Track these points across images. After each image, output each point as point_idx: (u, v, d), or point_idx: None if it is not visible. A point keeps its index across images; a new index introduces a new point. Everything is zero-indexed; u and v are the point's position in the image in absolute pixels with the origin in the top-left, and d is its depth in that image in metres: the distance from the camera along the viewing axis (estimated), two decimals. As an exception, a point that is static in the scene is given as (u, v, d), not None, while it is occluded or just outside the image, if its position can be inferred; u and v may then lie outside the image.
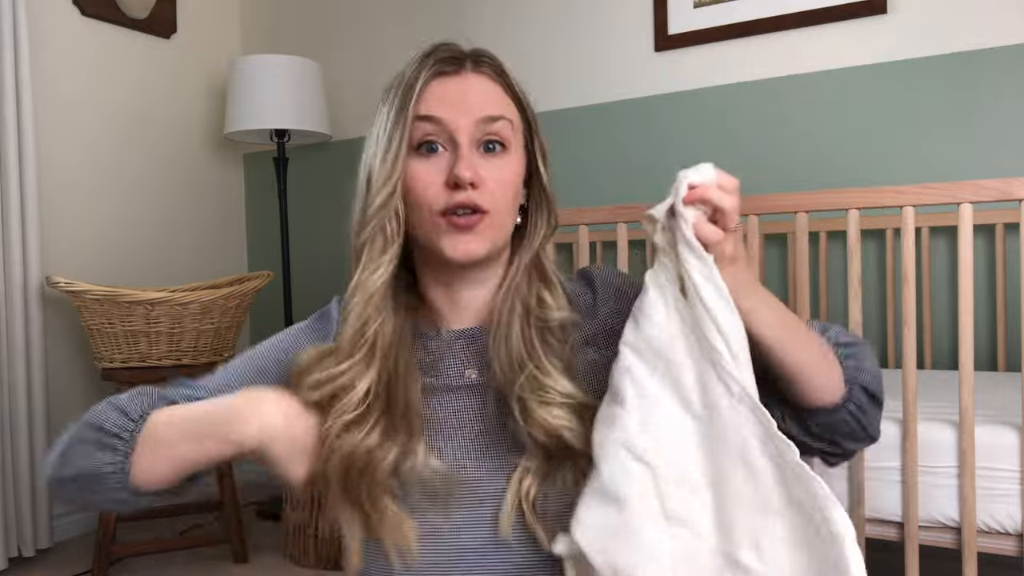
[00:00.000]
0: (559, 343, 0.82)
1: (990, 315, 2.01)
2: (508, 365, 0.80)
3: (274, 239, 3.00)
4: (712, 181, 0.69)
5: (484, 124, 0.79)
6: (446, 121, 0.78)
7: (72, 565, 2.28)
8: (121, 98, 2.72)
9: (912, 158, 2.08)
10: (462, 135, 0.78)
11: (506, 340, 0.81)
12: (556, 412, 0.77)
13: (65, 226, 2.52)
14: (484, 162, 0.79)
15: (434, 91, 0.80)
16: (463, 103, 0.79)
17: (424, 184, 0.78)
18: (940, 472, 1.37)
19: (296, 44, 3.02)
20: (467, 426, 0.82)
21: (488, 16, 2.69)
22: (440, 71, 0.81)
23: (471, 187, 0.77)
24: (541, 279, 0.85)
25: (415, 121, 0.78)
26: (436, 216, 0.78)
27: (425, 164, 0.79)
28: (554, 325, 0.83)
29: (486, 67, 0.83)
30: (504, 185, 0.80)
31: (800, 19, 2.20)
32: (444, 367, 0.84)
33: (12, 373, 2.24)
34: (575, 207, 1.70)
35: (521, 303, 0.83)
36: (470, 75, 0.82)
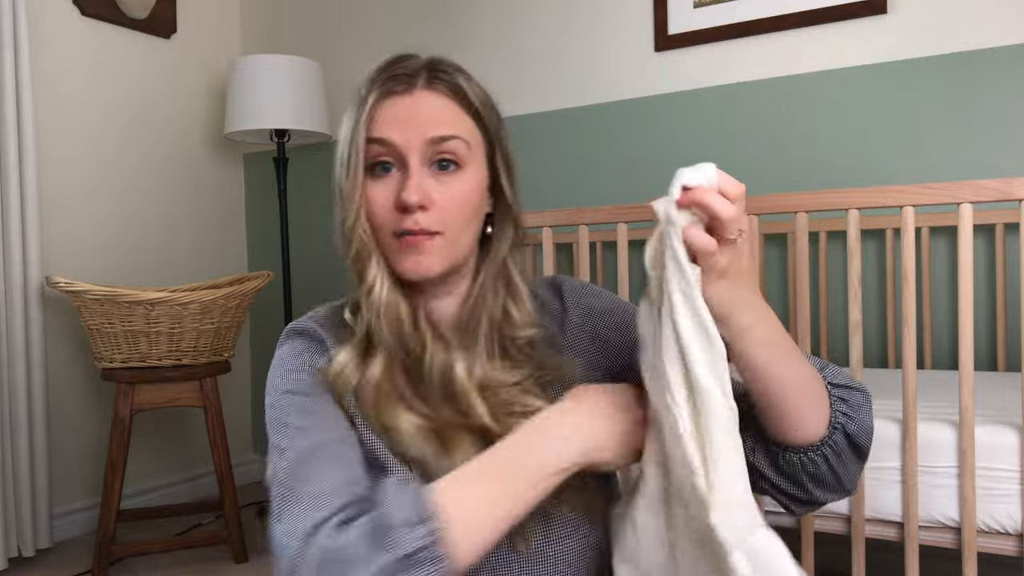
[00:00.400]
0: (525, 358, 0.83)
1: (990, 315, 2.01)
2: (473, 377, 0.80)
3: (274, 239, 3.00)
4: (713, 184, 0.63)
5: (434, 144, 0.78)
6: (395, 143, 0.78)
7: (72, 565, 2.28)
8: (121, 98, 2.72)
9: (912, 158, 2.08)
10: (412, 155, 0.78)
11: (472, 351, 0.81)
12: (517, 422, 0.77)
13: (65, 226, 2.52)
14: (435, 182, 0.78)
15: (384, 111, 0.79)
16: (412, 123, 0.78)
17: (378, 206, 0.79)
18: (940, 472, 1.37)
19: (296, 44, 3.02)
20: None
21: (488, 16, 2.69)
22: (390, 90, 0.79)
23: (420, 209, 0.77)
24: (507, 290, 0.85)
25: (367, 144, 0.78)
26: (391, 236, 0.79)
27: (379, 186, 0.79)
28: (520, 342, 0.83)
29: (440, 83, 0.81)
30: (457, 203, 0.79)
31: (800, 19, 2.20)
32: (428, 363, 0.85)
33: (12, 373, 2.24)
34: (575, 207, 1.70)
35: (487, 317, 0.83)
36: (421, 92, 0.79)
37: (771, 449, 0.77)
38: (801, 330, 1.45)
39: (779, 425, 0.74)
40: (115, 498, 2.14)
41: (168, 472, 2.84)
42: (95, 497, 2.52)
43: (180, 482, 2.88)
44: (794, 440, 0.75)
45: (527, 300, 0.85)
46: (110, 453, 2.17)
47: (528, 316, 0.84)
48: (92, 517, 2.51)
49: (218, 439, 2.27)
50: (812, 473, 0.76)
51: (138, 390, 2.18)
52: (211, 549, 2.35)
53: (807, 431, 0.74)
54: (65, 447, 2.50)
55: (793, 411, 0.73)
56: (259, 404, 3.19)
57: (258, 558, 2.30)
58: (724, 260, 0.65)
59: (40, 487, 2.30)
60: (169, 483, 2.84)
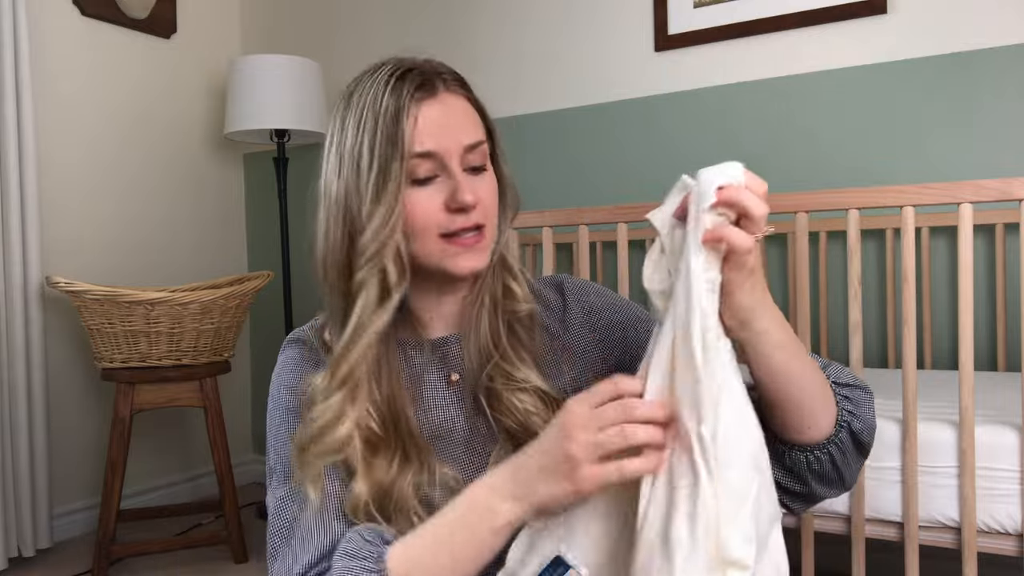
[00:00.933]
0: (526, 333, 0.85)
1: (990, 315, 2.01)
2: (478, 358, 0.83)
3: (274, 239, 3.00)
4: (741, 183, 0.64)
5: (470, 150, 0.80)
6: (440, 152, 0.79)
7: (72, 565, 2.28)
8: (121, 98, 2.72)
9: (912, 158, 2.08)
10: (453, 161, 0.79)
11: (476, 333, 0.84)
12: (522, 397, 0.81)
13: (65, 226, 2.52)
14: (473, 182, 0.80)
15: (424, 122, 0.78)
16: (449, 130, 0.79)
17: (424, 211, 0.78)
18: (940, 472, 1.37)
19: (296, 44, 3.02)
20: (457, 427, 0.84)
21: (488, 16, 2.69)
22: (420, 97, 0.79)
23: (472, 209, 0.79)
24: (505, 269, 0.87)
25: (414, 158, 0.77)
26: (437, 240, 0.79)
27: (423, 192, 0.78)
28: (522, 315, 0.85)
29: (455, 85, 0.83)
30: (491, 199, 0.83)
31: (800, 19, 2.20)
32: (429, 377, 0.86)
33: (12, 373, 2.24)
34: (575, 207, 1.70)
35: (489, 296, 0.85)
36: (446, 95, 0.81)
37: (777, 448, 0.77)
38: (801, 330, 1.45)
39: (789, 425, 0.75)
40: (115, 498, 2.14)
41: (168, 472, 2.84)
42: (95, 497, 2.52)
43: (180, 482, 2.88)
44: (802, 439, 0.76)
45: (522, 277, 0.88)
46: (110, 453, 2.17)
47: (526, 291, 0.87)
48: (92, 517, 2.51)
49: (218, 439, 2.27)
50: (817, 471, 0.77)
51: (138, 390, 2.18)
52: (211, 549, 2.35)
53: (816, 430, 0.75)
54: (65, 447, 2.50)
55: (805, 411, 0.74)
56: (259, 404, 3.20)
57: (258, 558, 2.30)
58: (753, 259, 0.65)
59: (40, 487, 2.30)
60: (169, 483, 2.84)
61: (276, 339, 3.02)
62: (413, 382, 0.85)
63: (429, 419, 0.84)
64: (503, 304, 0.85)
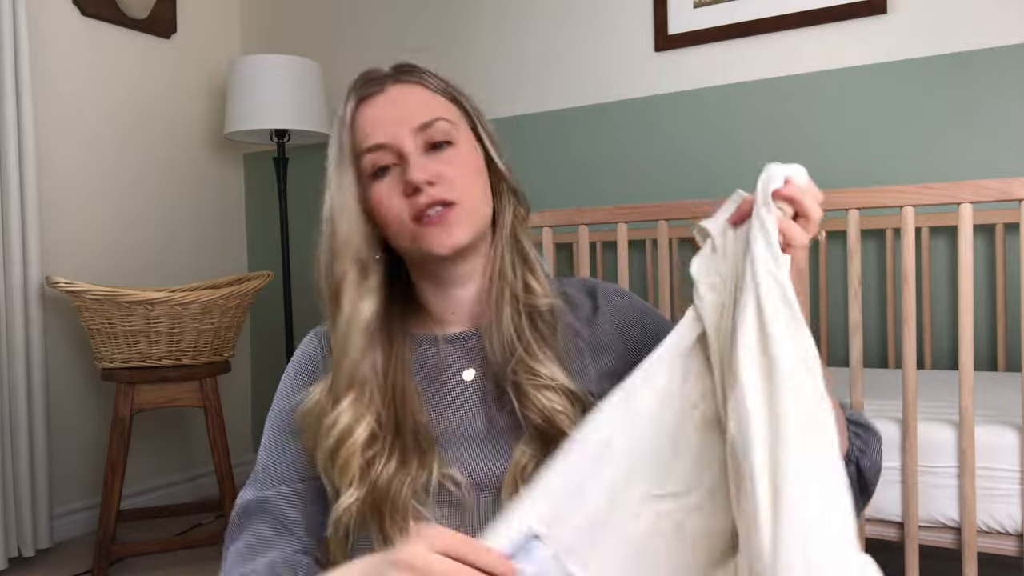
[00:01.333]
0: (548, 329, 0.84)
1: (990, 315, 2.01)
2: (501, 352, 0.82)
3: (274, 239, 3.00)
4: (806, 184, 0.67)
5: (422, 131, 0.80)
6: (387, 143, 0.80)
7: (72, 565, 2.28)
8: (121, 98, 2.72)
9: (912, 158, 2.08)
10: (405, 146, 0.79)
11: (498, 328, 0.83)
12: (549, 395, 0.79)
13: (65, 226, 2.52)
14: (434, 158, 0.80)
15: (366, 117, 0.81)
16: (395, 117, 0.80)
17: (384, 201, 0.80)
18: (940, 472, 1.37)
19: (296, 44, 3.02)
20: (475, 424, 0.83)
21: (488, 16, 2.69)
22: (364, 94, 0.82)
23: (429, 186, 0.78)
24: (525, 264, 0.86)
25: (362, 155, 0.80)
26: (409, 224, 0.79)
27: (382, 184, 0.80)
28: (543, 310, 0.84)
29: (408, 75, 0.84)
30: (461, 171, 0.81)
31: (800, 19, 2.20)
32: (444, 375, 0.85)
33: (12, 373, 2.24)
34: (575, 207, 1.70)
35: (509, 291, 0.84)
36: (393, 88, 0.82)
37: None
38: (801, 330, 1.45)
39: None
40: (115, 498, 2.14)
41: (168, 472, 2.84)
42: (95, 497, 2.52)
43: (180, 482, 2.88)
44: None
45: (542, 273, 0.87)
46: (110, 453, 2.17)
47: (546, 287, 0.86)
48: (92, 517, 2.51)
49: (218, 439, 2.27)
50: None
51: (138, 390, 2.18)
52: (211, 549, 2.34)
53: None
54: (65, 447, 2.50)
55: None
56: (259, 404, 3.20)
57: (258, 558, 2.30)
58: (803, 259, 0.67)
59: (40, 487, 2.30)
60: (169, 483, 2.84)
61: (276, 339, 3.02)
62: (429, 379, 0.84)
63: (445, 417, 0.83)
64: (524, 299, 0.84)
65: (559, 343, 0.84)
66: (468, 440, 0.82)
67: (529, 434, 0.80)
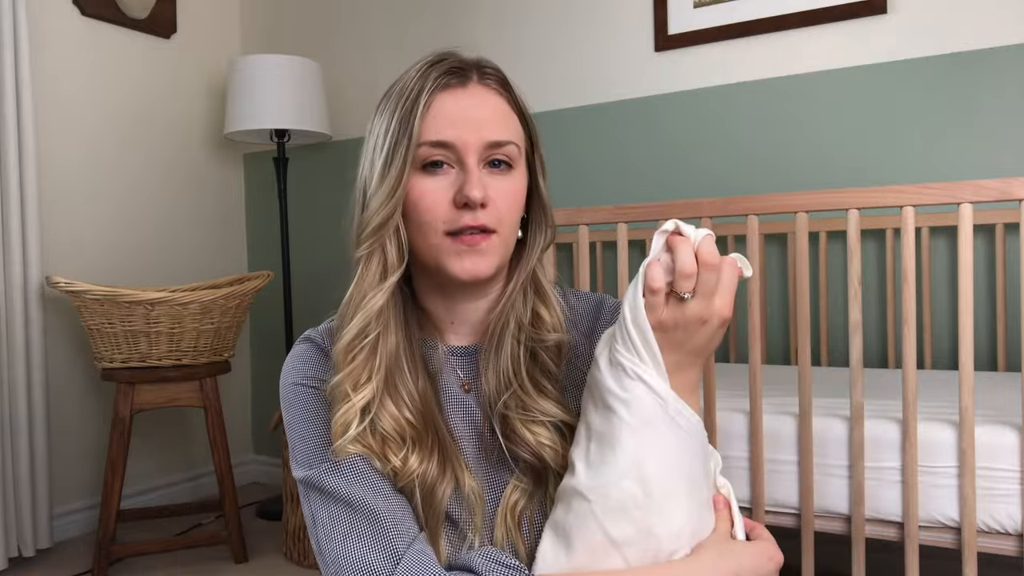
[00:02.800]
0: (553, 360, 0.82)
1: (990, 315, 2.01)
2: (496, 381, 0.80)
3: (274, 239, 3.00)
4: (692, 239, 0.68)
5: (491, 148, 0.77)
6: (455, 145, 0.76)
7: (72, 565, 2.28)
8: (121, 98, 2.72)
9: (912, 158, 2.08)
10: (470, 155, 0.76)
11: (496, 356, 0.81)
12: (537, 431, 0.78)
13: (65, 226, 2.52)
14: (491, 180, 0.77)
15: (441, 108, 0.76)
16: (472, 122, 0.76)
17: (430, 202, 0.76)
18: (940, 472, 1.37)
19: (296, 44, 3.02)
20: (466, 440, 0.82)
21: (488, 16, 2.69)
22: (446, 83, 0.77)
23: (480, 207, 0.75)
24: (537, 294, 0.84)
25: (422, 145, 0.75)
26: (441, 236, 0.76)
27: (431, 181, 0.76)
28: (549, 345, 0.82)
29: (492, 79, 0.80)
30: (511, 203, 0.79)
31: (800, 19, 2.20)
32: (444, 381, 0.84)
33: (12, 373, 2.24)
34: (575, 207, 1.70)
35: (515, 320, 0.82)
36: (477, 88, 0.78)
37: None
38: (801, 330, 1.45)
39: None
40: (115, 498, 2.14)
41: (168, 472, 2.84)
42: (95, 497, 2.53)
43: (180, 482, 2.88)
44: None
45: (556, 305, 0.85)
46: (110, 453, 2.17)
47: (559, 321, 0.84)
48: (92, 517, 2.51)
49: (218, 439, 2.27)
50: None
51: (138, 390, 2.18)
52: (211, 549, 2.35)
53: None
54: (65, 447, 2.50)
55: None
56: (259, 404, 3.20)
57: (258, 558, 2.30)
58: (663, 312, 0.68)
59: (40, 487, 2.30)
60: (169, 483, 2.84)
61: (276, 339, 3.02)
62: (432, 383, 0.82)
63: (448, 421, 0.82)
64: (529, 331, 0.82)
65: (563, 372, 0.83)
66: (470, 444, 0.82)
67: (520, 468, 0.79)
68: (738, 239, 2.28)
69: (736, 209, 1.48)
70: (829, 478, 1.45)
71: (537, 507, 0.79)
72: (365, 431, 0.75)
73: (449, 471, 0.76)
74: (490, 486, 0.80)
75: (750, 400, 1.49)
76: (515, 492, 0.78)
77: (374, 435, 0.75)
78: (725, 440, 1.54)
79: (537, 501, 0.79)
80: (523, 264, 0.84)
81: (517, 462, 0.80)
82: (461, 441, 0.82)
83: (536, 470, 0.79)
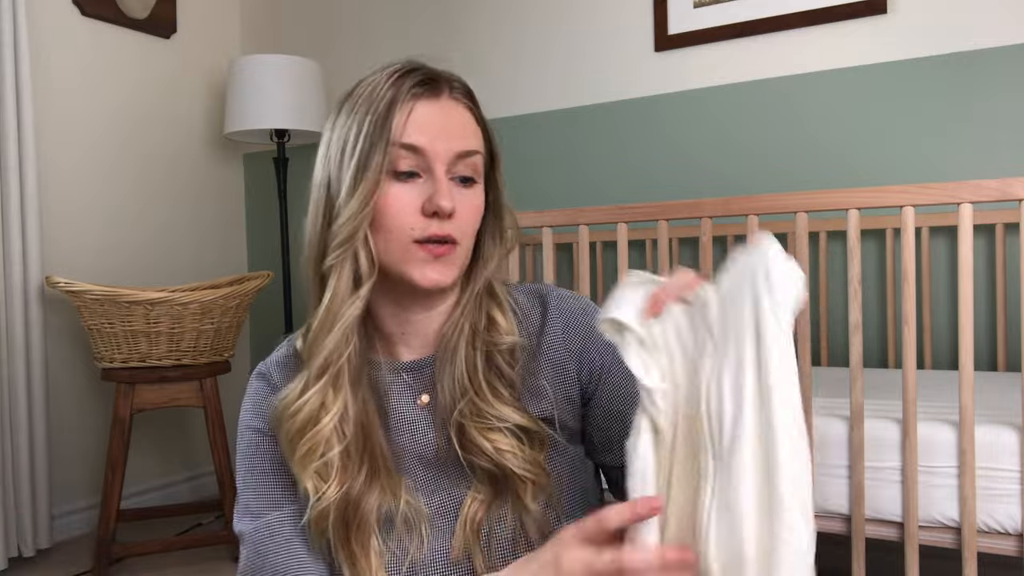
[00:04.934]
0: (508, 364, 0.82)
1: (990, 315, 2.01)
2: (451, 390, 0.80)
3: (274, 239, 3.00)
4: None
5: (460, 158, 0.78)
6: (426, 150, 0.76)
7: (72, 565, 2.28)
8: (121, 98, 2.72)
9: (912, 158, 2.08)
10: (439, 164, 0.77)
11: (451, 363, 0.81)
12: (494, 437, 0.78)
13: (65, 226, 2.52)
14: (457, 193, 0.78)
15: (416, 116, 0.77)
16: (444, 132, 0.77)
17: (400, 209, 0.76)
18: (940, 472, 1.37)
19: (296, 44, 3.02)
20: (427, 451, 0.82)
21: (488, 16, 2.69)
22: (419, 93, 0.78)
23: (448, 218, 0.76)
24: (491, 298, 0.84)
25: (398, 148, 0.76)
26: (408, 243, 0.76)
27: (402, 188, 0.76)
28: (503, 348, 0.82)
29: (460, 92, 0.81)
30: (473, 217, 0.80)
31: (800, 19, 2.20)
32: (395, 398, 0.83)
33: (12, 373, 2.24)
34: (575, 207, 1.70)
35: (470, 325, 0.82)
36: (448, 100, 0.79)
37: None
38: (801, 330, 1.45)
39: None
40: (115, 498, 2.14)
41: (168, 472, 2.84)
42: (95, 497, 2.52)
43: (180, 482, 2.88)
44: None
45: (509, 309, 0.85)
46: (110, 453, 2.17)
47: (511, 325, 0.83)
48: (92, 517, 2.51)
49: (218, 439, 2.27)
50: None
51: (138, 390, 2.18)
52: (211, 549, 2.35)
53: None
54: (65, 447, 2.50)
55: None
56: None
57: (258, 558, 2.30)
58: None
59: (40, 487, 2.30)
60: (169, 483, 2.84)
61: (276, 339, 3.00)
62: (378, 403, 0.81)
63: (395, 441, 0.81)
64: (484, 336, 0.81)
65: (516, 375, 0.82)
66: (421, 462, 0.82)
67: (478, 477, 0.79)
68: (738, 239, 2.28)
69: (736, 209, 1.48)
70: (829, 478, 1.45)
71: (496, 517, 0.79)
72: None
73: (377, 488, 0.77)
74: (449, 499, 0.80)
75: (750, 400, 1.49)
76: (474, 503, 0.79)
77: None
78: (725, 440, 1.54)
79: (495, 510, 0.79)
80: (477, 274, 0.84)
81: (475, 471, 0.79)
82: (409, 460, 0.81)
83: (494, 478, 0.78)
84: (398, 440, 0.82)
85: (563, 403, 0.83)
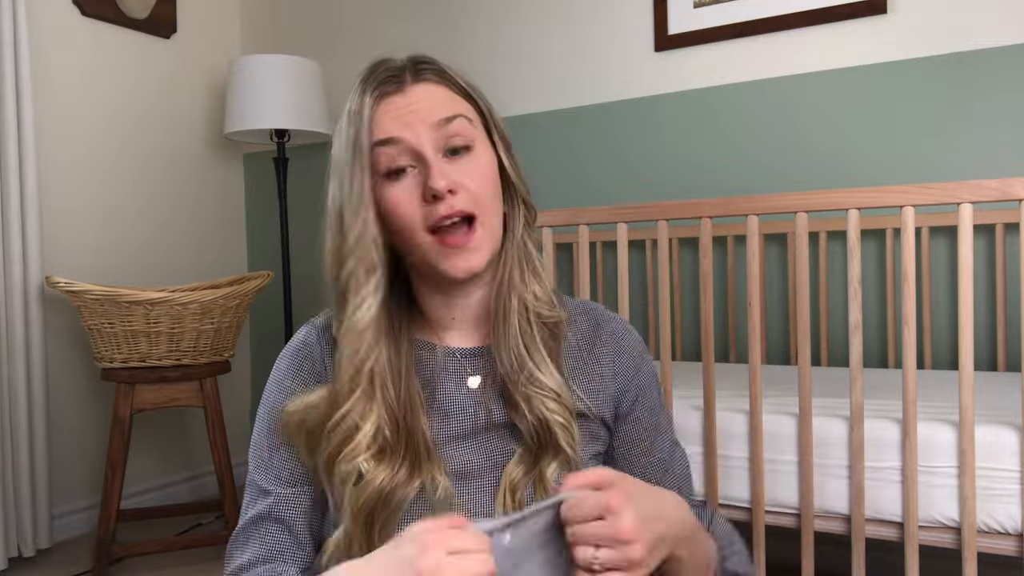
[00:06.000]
0: (553, 340, 0.84)
1: (990, 315, 2.01)
2: (510, 362, 0.81)
3: (274, 239, 3.00)
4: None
5: (442, 127, 0.78)
6: (405, 139, 0.77)
7: (72, 565, 2.28)
8: (121, 98, 2.72)
9: (912, 158, 2.08)
10: (425, 147, 0.77)
11: (506, 339, 0.82)
12: (551, 405, 0.80)
13: (65, 226, 2.52)
14: (454, 166, 0.78)
15: (384, 113, 0.78)
16: (414, 115, 0.78)
17: (401, 205, 0.78)
18: (940, 472, 1.37)
19: (296, 44, 3.02)
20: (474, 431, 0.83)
21: (487, 16, 2.69)
22: (383, 92, 0.79)
23: (450, 195, 0.76)
24: (532, 272, 0.85)
25: (374, 148, 0.78)
26: (424, 235, 0.77)
27: (398, 186, 0.78)
28: (548, 322, 0.84)
29: (426, 73, 0.81)
30: (482, 182, 0.79)
31: (800, 19, 2.20)
32: (443, 383, 0.84)
33: (12, 373, 2.24)
34: (575, 207, 1.70)
35: (518, 299, 0.83)
36: (413, 88, 0.80)
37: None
38: (801, 330, 1.45)
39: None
40: (115, 498, 2.14)
41: (168, 472, 2.84)
42: (95, 497, 2.52)
43: (180, 482, 2.88)
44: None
45: (545, 283, 0.86)
46: (110, 453, 2.17)
47: (547, 294, 0.86)
48: (92, 517, 2.51)
49: (218, 439, 2.27)
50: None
51: (138, 390, 2.18)
52: (211, 549, 2.34)
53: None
54: (65, 447, 2.50)
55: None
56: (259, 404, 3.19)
57: (258, 558, 2.30)
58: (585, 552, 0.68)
59: (40, 487, 2.30)
60: (169, 483, 2.84)
61: (276, 339, 3.02)
62: (425, 385, 0.83)
63: (440, 423, 0.82)
64: (533, 307, 0.84)
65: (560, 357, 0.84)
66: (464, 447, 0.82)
67: (525, 445, 0.81)
68: (738, 239, 2.28)
69: (736, 209, 1.48)
70: (829, 478, 1.45)
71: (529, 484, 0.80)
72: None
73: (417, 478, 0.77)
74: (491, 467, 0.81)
75: (750, 400, 1.49)
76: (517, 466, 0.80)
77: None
78: (725, 440, 1.54)
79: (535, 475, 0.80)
80: (509, 242, 0.84)
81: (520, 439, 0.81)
82: (467, 433, 0.82)
83: (540, 442, 0.80)
84: (443, 421, 0.82)
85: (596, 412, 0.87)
